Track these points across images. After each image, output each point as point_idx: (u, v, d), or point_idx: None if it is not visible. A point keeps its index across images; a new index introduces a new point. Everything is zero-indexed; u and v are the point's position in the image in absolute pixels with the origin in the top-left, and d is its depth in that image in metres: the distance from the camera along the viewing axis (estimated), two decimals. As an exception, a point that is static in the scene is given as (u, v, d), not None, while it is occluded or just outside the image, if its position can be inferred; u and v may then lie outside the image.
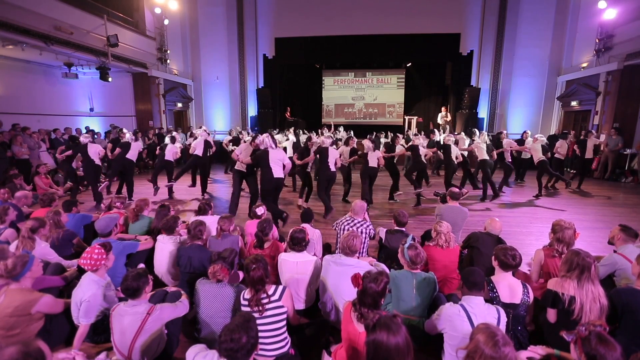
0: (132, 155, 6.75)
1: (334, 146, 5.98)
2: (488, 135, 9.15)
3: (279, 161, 4.93)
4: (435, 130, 8.77)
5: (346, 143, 7.15)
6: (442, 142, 8.76)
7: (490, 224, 3.37)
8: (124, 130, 8.51)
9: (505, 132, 8.37)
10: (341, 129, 12.30)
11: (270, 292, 2.16)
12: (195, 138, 8.28)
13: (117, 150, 6.81)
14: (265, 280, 2.16)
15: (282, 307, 2.14)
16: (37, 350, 1.39)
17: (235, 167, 5.76)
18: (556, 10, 11.94)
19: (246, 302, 2.15)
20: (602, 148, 9.28)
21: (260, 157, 4.95)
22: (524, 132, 8.81)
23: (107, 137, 10.42)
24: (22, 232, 3.04)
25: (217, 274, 2.34)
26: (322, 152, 5.84)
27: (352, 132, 11.63)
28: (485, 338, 1.47)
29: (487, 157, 6.91)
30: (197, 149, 6.96)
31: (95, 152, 6.35)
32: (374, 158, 6.27)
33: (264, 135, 5.20)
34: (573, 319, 2.09)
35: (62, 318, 2.47)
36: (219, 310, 2.34)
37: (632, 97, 9.36)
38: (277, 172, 4.90)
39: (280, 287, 2.21)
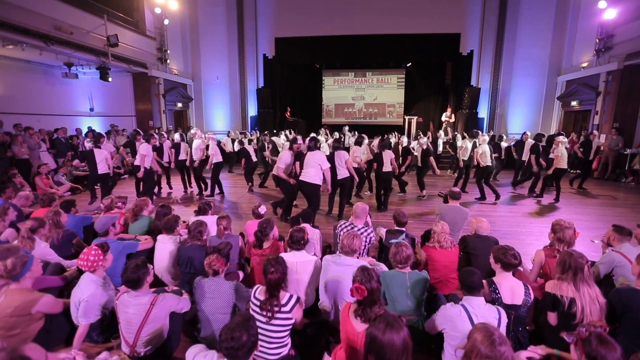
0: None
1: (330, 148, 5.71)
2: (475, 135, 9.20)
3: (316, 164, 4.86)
4: (420, 136, 8.66)
5: (359, 143, 6.80)
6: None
7: (480, 226, 3.28)
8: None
9: (528, 133, 8.19)
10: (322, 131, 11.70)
11: (283, 302, 2.11)
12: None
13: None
14: (281, 285, 2.14)
15: (290, 318, 2.12)
16: (22, 357, 1.38)
17: (275, 173, 5.42)
18: (556, 10, 11.94)
19: (257, 303, 2.13)
20: (602, 148, 9.28)
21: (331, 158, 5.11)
22: (524, 133, 8.50)
23: (107, 137, 10.43)
24: (21, 232, 3.04)
25: (212, 265, 2.39)
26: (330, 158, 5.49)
27: (356, 133, 11.42)
28: (482, 337, 1.48)
29: (490, 163, 6.91)
30: (217, 155, 7.03)
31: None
32: (388, 160, 5.99)
33: (309, 138, 5.34)
34: (575, 323, 2.08)
35: (62, 318, 2.47)
36: (219, 307, 2.36)
37: (632, 97, 9.36)
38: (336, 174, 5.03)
39: (294, 299, 2.16)
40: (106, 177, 6.30)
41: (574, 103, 11.43)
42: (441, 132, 11.17)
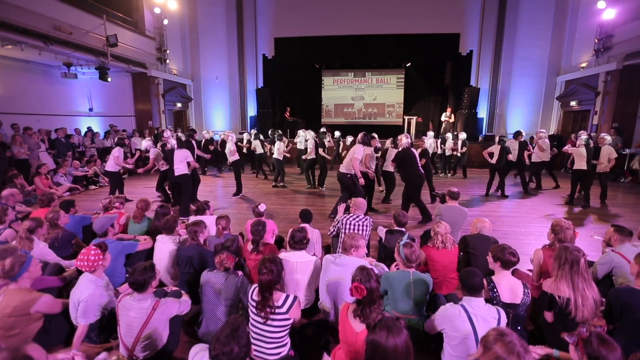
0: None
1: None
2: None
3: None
4: (428, 134, 8.79)
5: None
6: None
7: (483, 226, 3.30)
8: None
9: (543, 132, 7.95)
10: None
11: (278, 304, 2.09)
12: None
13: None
14: (273, 287, 2.12)
15: (288, 319, 2.11)
16: (24, 357, 1.38)
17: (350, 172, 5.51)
18: (555, 11, 11.95)
19: (254, 304, 2.13)
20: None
21: (406, 156, 5.30)
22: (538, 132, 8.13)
23: (107, 137, 10.43)
24: (19, 233, 3.03)
25: (224, 262, 2.45)
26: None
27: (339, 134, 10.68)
28: (504, 350, 1.38)
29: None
30: (236, 153, 7.16)
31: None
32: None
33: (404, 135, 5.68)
34: (570, 318, 2.11)
35: (61, 318, 2.47)
36: (224, 298, 2.41)
37: (631, 97, 9.38)
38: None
39: (290, 299, 2.13)
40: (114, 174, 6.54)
41: (573, 103, 11.44)
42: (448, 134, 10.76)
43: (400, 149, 5.62)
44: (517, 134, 7.58)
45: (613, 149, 6.59)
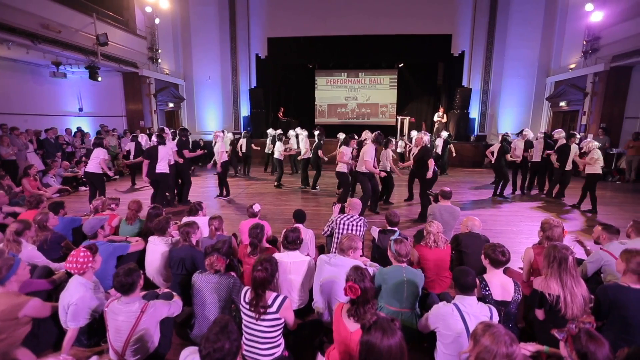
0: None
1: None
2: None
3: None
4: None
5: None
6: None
7: (473, 224, 3.34)
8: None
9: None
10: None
11: (268, 302, 2.10)
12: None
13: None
14: (267, 285, 2.12)
15: (279, 318, 2.11)
16: None
17: (360, 170, 5.71)
18: (545, 12, 12.15)
19: (247, 305, 2.12)
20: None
21: (427, 154, 5.56)
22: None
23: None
24: (6, 235, 2.96)
25: (214, 265, 2.42)
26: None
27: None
28: (491, 340, 1.44)
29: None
30: (224, 154, 7.00)
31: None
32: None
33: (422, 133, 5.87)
34: (560, 315, 2.14)
35: (50, 322, 2.42)
36: (216, 300, 2.40)
37: (619, 97, 9.57)
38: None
39: (280, 299, 2.13)
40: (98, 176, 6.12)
41: (562, 103, 11.62)
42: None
43: (418, 147, 5.89)
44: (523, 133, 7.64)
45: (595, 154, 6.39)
